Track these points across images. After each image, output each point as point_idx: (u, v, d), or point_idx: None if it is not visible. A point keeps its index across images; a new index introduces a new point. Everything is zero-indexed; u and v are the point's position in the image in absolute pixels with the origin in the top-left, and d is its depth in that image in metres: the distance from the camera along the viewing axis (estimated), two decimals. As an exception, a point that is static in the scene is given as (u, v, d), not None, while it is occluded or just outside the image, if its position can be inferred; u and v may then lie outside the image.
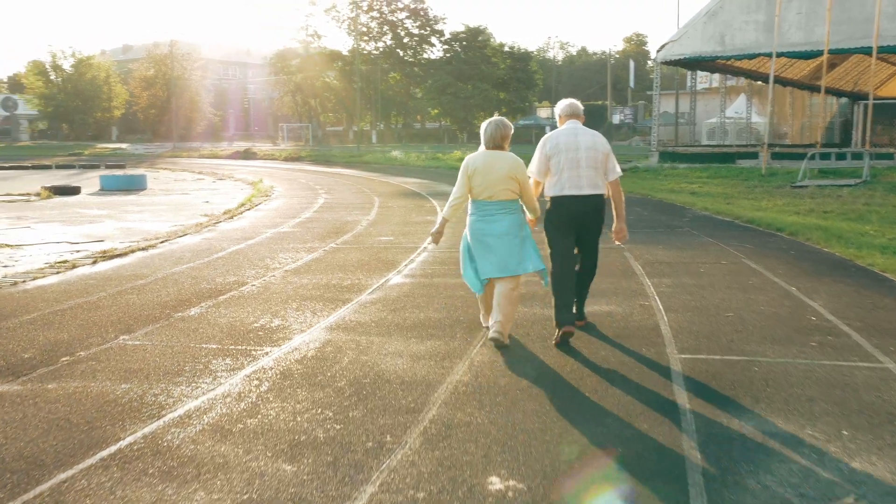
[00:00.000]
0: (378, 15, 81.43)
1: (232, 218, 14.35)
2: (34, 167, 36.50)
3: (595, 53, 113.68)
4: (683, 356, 5.06)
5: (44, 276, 8.34)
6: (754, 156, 28.31)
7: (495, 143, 5.33)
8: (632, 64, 78.11)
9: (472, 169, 5.29)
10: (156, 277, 8.23)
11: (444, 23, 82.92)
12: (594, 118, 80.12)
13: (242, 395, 4.35)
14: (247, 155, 47.57)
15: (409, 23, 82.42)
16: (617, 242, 5.76)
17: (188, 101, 78.55)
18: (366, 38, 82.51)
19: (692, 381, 4.55)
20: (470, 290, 6.18)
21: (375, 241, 10.91)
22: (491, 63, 79.39)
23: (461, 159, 27.69)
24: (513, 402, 4.20)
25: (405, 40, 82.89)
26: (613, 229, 5.70)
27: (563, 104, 5.67)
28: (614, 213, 5.69)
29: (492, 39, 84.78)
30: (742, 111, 42.83)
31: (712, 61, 31.72)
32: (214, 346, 5.40)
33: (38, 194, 19.69)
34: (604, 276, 7.79)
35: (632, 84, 78.97)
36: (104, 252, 9.96)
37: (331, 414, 4.02)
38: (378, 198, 18.40)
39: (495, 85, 78.33)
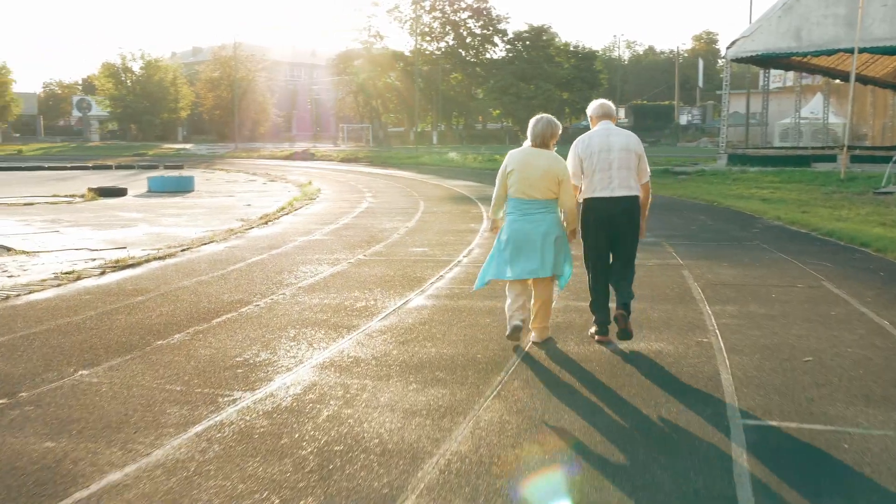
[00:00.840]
0: (440, 15, 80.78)
1: (266, 223, 13.66)
2: (95, 167, 36.88)
3: (663, 52, 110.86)
4: (749, 422, 3.96)
5: (42, 290, 7.68)
6: (832, 159, 26.46)
7: (542, 141, 5.26)
8: (700, 63, 75.63)
9: (510, 166, 5.22)
10: (158, 293, 7.48)
11: (508, 22, 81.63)
12: (660, 119, 77.97)
13: (178, 466, 3.46)
14: (304, 156, 47.39)
15: (471, 22, 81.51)
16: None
17: (252, 102, 79.29)
18: (428, 38, 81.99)
19: (759, 463, 3.47)
20: (495, 319, 5.30)
21: (408, 253, 10.00)
22: (554, 63, 77.87)
23: None
24: (516, 494, 3.21)
25: (467, 40, 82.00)
26: None
27: (594, 105, 5.62)
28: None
29: (557, 39, 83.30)
30: (818, 111, 40.55)
31: (787, 58, 29.86)
32: (178, 389, 4.55)
33: (82, 196, 19.44)
34: (657, 301, 6.70)
35: (700, 83, 76.46)
36: (117, 262, 9.30)
37: (277, 502, 3.10)
38: (424, 202, 17.52)
39: (558, 85, 76.77)
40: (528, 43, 79.51)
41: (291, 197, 19.00)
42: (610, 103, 5.64)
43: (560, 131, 5.35)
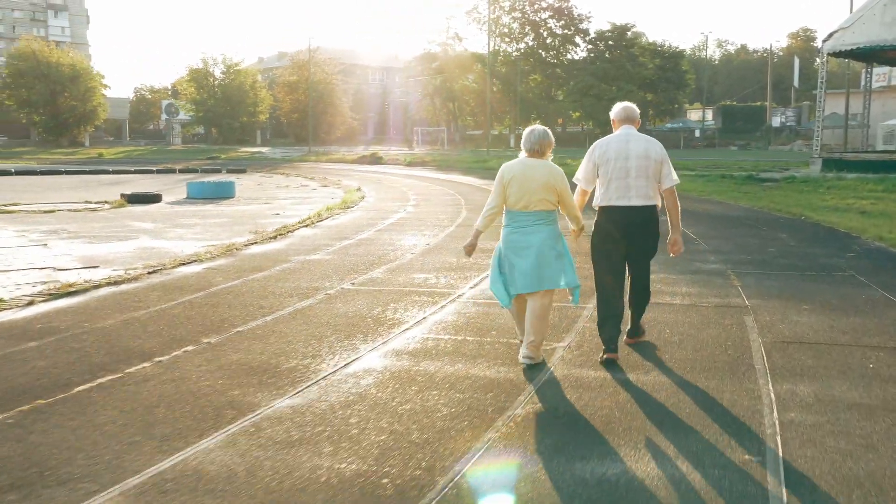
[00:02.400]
0: (520, 15, 78.76)
1: (276, 237, 12.11)
2: (159, 171, 36.55)
3: (756, 51, 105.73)
4: None
5: (-63, 326, 6.25)
6: (945, 164, 23.27)
7: (538, 151, 5.08)
8: (797, 61, 71.25)
9: (508, 177, 5.05)
10: (67, 335, 5.94)
11: (590, 21, 78.97)
12: (751, 120, 73.79)
13: None
14: (372, 160, 46.23)
15: (552, 22, 79.22)
16: (671, 255, 5.35)
17: (328, 105, 79.13)
18: (507, 39, 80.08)
19: None
20: (454, 398, 4.27)
21: (406, 281, 8.21)
22: (638, 63, 74.73)
23: None
24: None
25: (548, 41, 79.72)
26: (669, 241, 5.28)
27: (617, 108, 5.36)
28: (669, 223, 5.26)
29: (643, 38, 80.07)
30: (928, 111, 36.66)
31: (893, 51, 26.64)
32: None
33: (110, 203, 18.47)
34: (697, 370, 4.73)
35: (796, 83, 72.03)
36: (60, 289, 7.84)
37: None
38: (466, 212, 15.68)
39: (642, 86, 73.64)
40: (610, 43, 76.62)
41: (326, 205, 17.49)
42: (633, 106, 5.36)
43: (554, 143, 5.16)
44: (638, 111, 5.39)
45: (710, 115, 76.40)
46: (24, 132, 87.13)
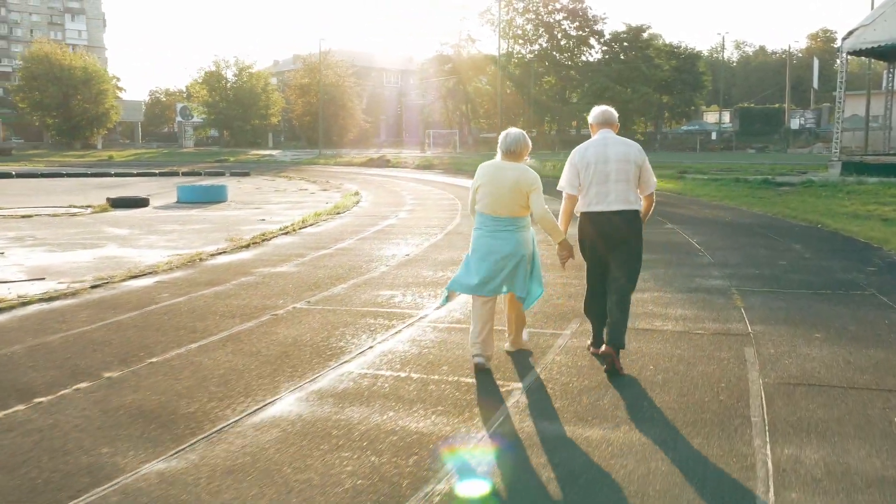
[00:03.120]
0: (534, 16, 77.71)
1: (249, 247, 11.29)
2: (161, 174, 35.93)
3: (774, 53, 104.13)
4: None
5: None
6: (973, 168, 22.10)
7: (513, 154, 4.89)
8: (816, 62, 69.73)
9: (479, 179, 4.93)
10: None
11: (605, 23, 77.72)
12: (769, 123, 72.29)
13: None
14: (380, 163, 45.46)
15: (566, 24, 78.09)
16: None
17: (340, 108, 78.52)
18: (521, 40, 79.09)
19: None
20: (366, 462, 2.95)
21: (369, 299, 7.34)
22: (653, 64, 73.48)
23: None
24: None
25: (562, 42, 78.60)
26: None
27: (595, 111, 5.22)
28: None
29: (660, 39, 78.79)
30: (954, 113, 35.25)
31: (917, 50, 25.48)
32: None
33: (93, 208, 17.76)
34: (680, 422, 3.82)
35: (815, 85, 70.51)
36: (-18, 305, 7.05)
37: None
38: (460, 219, 14.78)
39: (657, 88, 72.42)
40: (625, 44, 75.44)
41: (316, 211, 16.66)
42: (611, 110, 5.23)
43: (530, 147, 5.02)
44: (616, 115, 5.23)
45: (727, 117, 74.97)
46: (39, 135, 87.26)
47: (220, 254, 10.55)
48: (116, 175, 35.16)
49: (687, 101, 74.73)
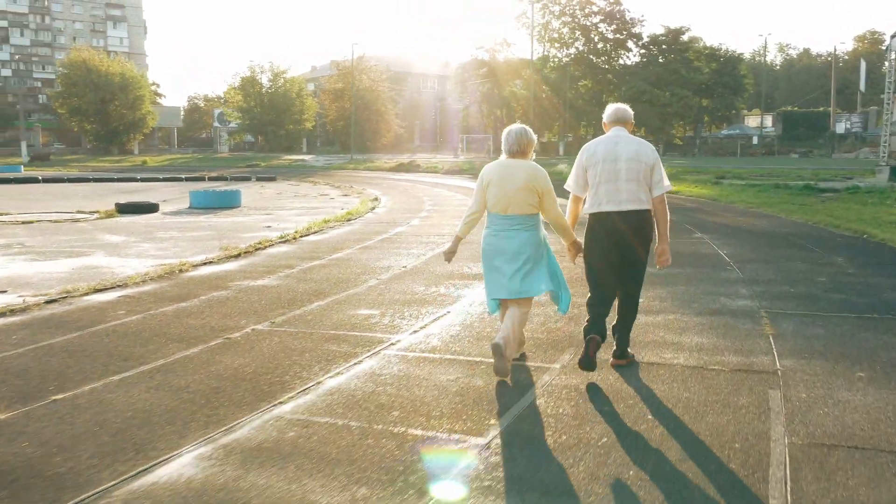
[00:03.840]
0: (570, 20, 76.46)
1: (239, 256, 10.54)
2: (187, 179, 35.61)
3: (819, 55, 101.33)
4: None
5: None
6: None
7: (519, 151, 4.79)
8: (863, 64, 67.40)
9: (487, 179, 4.82)
10: None
11: (643, 25, 76.07)
12: (813, 127, 70.06)
13: None
14: (409, 167, 44.81)
15: (603, 27, 76.70)
16: (658, 267, 4.87)
17: (374, 112, 78.11)
18: (557, 44, 77.90)
19: None
20: None
21: (342, 319, 6.48)
22: (693, 67, 71.76)
23: None
24: None
25: (599, 45, 77.21)
26: (656, 251, 4.82)
27: (609, 109, 5.03)
28: (657, 233, 4.79)
29: (700, 42, 76.99)
30: None
31: (972, 48, 23.91)
32: None
33: (99, 213, 17.24)
34: (681, 490, 2.84)
35: (862, 87, 68.16)
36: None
37: None
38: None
39: (697, 91, 70.72)
40: (664, 47, 73.83)
41: (325, 217, 15.88)
42: (626, 107, 5.01)
43: (535, 143, 4.83)
44: (631, 112, 5.01)
45: (769, 121, 72.90)
46: (80, 141, 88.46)
47: (205, 264, 9.79)
48: (142, 180, 34.97)
49: (727, 104, 72.82)
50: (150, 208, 18.23)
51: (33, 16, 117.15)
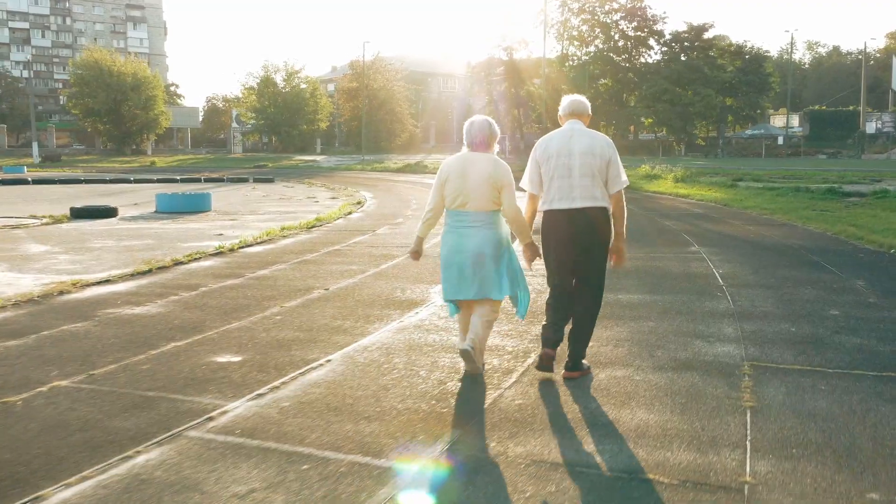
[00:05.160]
0: (589, 17, 74.48)
1: (150, 272, 9.03)
2: (182, 180, 34.35)
3: (850, 53, 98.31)
4: None
5: None
6: None
7: (479, 143, 4.55)
8: (895, 61, 64.82)
9: (445, 174, 4.60)
10: None
11: (665, 23, 73.98)
12: (842, 127, 67.38)
13: None
14: (416, 169, 43.37)
15: (624, 24, 74.67)
16: (611, 264, 4.65)
17: (388, 112, 76.75)
18: (576, 42, 75.95)
19: None
20: None
21: (188, 369, 4.90)
22: (716, 65, 69.48)
23: (649, 175, 20.28)
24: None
25: (619, 43, 75.18)
26: (611, 248, 4.63)
27: (564, 101, 4.79)
28: (614, 230, 4.63)
29: (726, 40, 74.68)
30: None
31: None
32: None
33: (51, 218, 15.87)
34: None
35: (894, 86, 65.61)
36: None
37: None
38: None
39: (720, 90, 68.39)
40: (686, 44, 71.62)
41: (284, 224, 14.33)
42: (583, 99, 4.78)
43: (499, 135, 4.64)
44: (588, 105, 4.79)
45: (795, 120, 70.43)
46: (93, 141, 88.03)
47: (100, 283, 8.28)
48: (135, 181, 33.75)
49: (752, 103, 70.39)
50: (107, 213, 16.79)
51: (54, 17, 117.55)
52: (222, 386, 4.56)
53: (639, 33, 74.31)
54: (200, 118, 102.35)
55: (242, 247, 11.24)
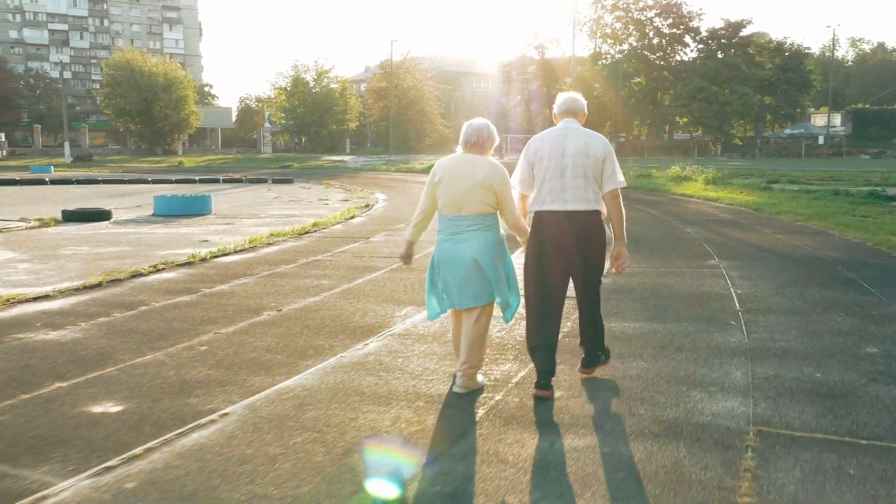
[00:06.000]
0: (623, 14, 72.84)
1: (101, 286, 8.16)
2: (201, 181, 33.79)
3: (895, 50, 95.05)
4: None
5: None
6: None
7: (474, 143, 4.43)
8: (943, 58, 62.25)
9: (438, 175, 4.45)
10: None
11: (701, 19, 71.98)
12: (887, 126, 64.96)
13: None
14: (439, 169, 42.19)
15: (658, 21, 72.88)
16: (613, 271, 4.69)
17: (417, 112, 75.91)
18: (609, 39, 74.37)
19: None
20: None
21: (49, 424, 3.95)
22: (754, 63, 67.40)
23: (679, 177, 18.89)
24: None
25: (654, 41, 73.41)
26: (612, 253, 4.51)
27: (559, 99, 4.65)
28: (613, 232, 4.49)
29: (767, 36, 72.52)
30: None
31: None
32: None
33: (40, 221, 15.17)
34: None
35: (942, 83, 62.90)
36: None
37: None
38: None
39: (759, 88, 66.35)
40: (723, 41, 69.63)
41: (273, 230, 13.42)
42: (577, 97, 4.60)
43: (496, 140, 4.50)
44: (584, 103, 4.59)
45: (837, 119, 68.01)
46: (126, 141, 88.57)
47: (33, 300, 7.42)
48: (154, 182, 33.27)
49: (792, 102, 68.19)
50: (99, 216, 16.05)
51: (92, 19, 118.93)
52: (73, 451, 3.58)
53: (674, 30, 72.51)
54: (234, 118, 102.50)
55: (218, 256, 10.34)
